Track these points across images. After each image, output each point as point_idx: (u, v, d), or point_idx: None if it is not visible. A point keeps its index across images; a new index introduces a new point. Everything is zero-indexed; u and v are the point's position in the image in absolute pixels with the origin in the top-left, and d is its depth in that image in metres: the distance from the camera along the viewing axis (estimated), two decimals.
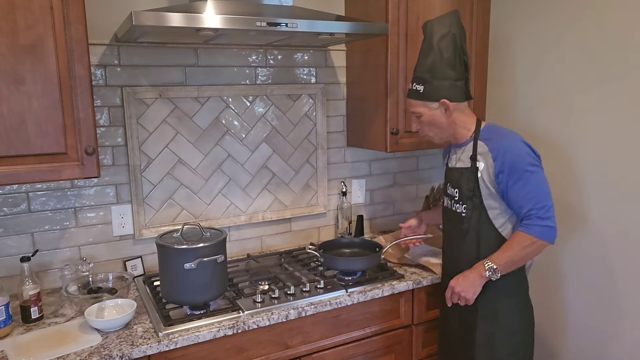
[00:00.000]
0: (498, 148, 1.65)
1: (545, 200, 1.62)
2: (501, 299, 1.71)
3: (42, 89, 1.52)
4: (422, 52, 1.74)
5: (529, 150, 1.65)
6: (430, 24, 1.72)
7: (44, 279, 1.92)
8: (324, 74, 2.37)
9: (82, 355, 1.45)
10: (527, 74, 2.19)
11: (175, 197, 2.11)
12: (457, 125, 1.74)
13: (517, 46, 2.22)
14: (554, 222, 1.62)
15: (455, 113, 1.71)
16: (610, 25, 1.86)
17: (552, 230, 1.62)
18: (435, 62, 1.69)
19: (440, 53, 1.68)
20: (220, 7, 1.64)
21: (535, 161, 1.64)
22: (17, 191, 1.84)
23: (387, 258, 2.17)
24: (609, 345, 1.98)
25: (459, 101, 1.71)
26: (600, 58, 1.90)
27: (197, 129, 2.11)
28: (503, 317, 1.72)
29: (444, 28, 1.69)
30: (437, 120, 1.73)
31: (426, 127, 1.77)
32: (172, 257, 1.63)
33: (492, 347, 1.73)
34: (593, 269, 2.01)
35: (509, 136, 1.69)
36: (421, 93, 1.72)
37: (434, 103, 1.71)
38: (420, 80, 1.72)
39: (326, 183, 2.44)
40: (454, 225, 1.80)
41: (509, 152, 1.63)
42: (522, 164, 1.61)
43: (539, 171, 1.64)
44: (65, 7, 1.51)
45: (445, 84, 1.69)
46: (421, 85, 1.72)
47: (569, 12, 2.00)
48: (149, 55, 1.98)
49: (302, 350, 1.80)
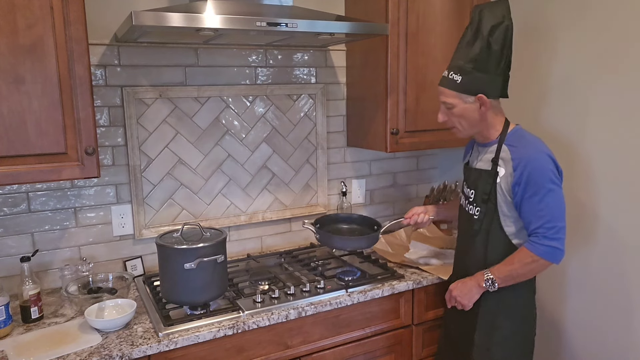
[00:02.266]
0: (521, 158, 1.58)
1: (557, 221, 1.56)
2: (501, 306, 1.69)
3: (42, 89, 1.52)
4: (467, 40, 1.62)
5: (552, 165, 1.58)
6: (480, 10, 1.60)
7: (44, 279, 1.92)
8: (324, 74, 2.37)
9: (82, 355, 1.45)
10: (528, 74, 2.19)
11: (175, 197, 2.11)
12: (487, 124, 1.67)
13: (517, 46, 2.22)
14: (562, 244, 1.56)
15: (489, 111, 1.64)
16: (623, 21, 1.84)
17: (558, 251, 1.56)
18: (481, 53, 1.58)
19: (489, 44, 1.57)
20: (220, 7, 1.64)
21: (555, 179, 1.57)
22: (17, 191, 1.84)
23: (388, 258, 2.18)
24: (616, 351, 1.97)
25: (495, 98, 1.64)
26: (601, 57, 1.90)
27: (197, 129, 2.11)
28: (502, 321, 1.70)
29: (496, 18, 1.57)
30: (469, 115, 1.65)
31: (455, 118, 1.68)
32: (172, 257, 1.63)
33: (490, 349, 1.72)
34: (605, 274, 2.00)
35: (535, 146, 1.61)
36: (458, 84, 1.61)
37: (470, 97, 1.62)
38: (460, 69, 1.61)
39: (326, 183, 2.44)
40: (466, 225, 1.79)
41: (530, 165, 1.56)
42: (541, 180, 1.55)
43: (557, 190, 1.57)
44: (65, 7, 1.51)
45: (486, 78, 1.59)
46: (459, 75, 1.61)
47: (572, 9, 1.99)
48: (149, 55, 1.98)
49: (302, 350, 1.80)
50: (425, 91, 2.19)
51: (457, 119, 1.68)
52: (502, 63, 1.61)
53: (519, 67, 2.24)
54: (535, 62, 2.16)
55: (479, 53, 1.58)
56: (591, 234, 2.00)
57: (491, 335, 1.71)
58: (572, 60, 2.01)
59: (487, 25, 1.57)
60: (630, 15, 1.79)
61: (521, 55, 2.20)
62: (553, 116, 2.10)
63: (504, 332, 1.70)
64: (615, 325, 1.94)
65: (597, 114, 1.94)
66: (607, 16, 1.86)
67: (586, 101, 1.98)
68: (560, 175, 1.61)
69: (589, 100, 1.97)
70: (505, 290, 1.66)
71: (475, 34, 1.60)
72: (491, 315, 1.70)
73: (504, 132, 1.67)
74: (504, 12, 1.59)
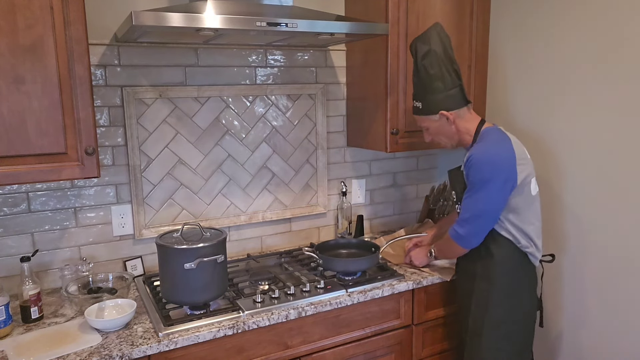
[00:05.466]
0: (469, 156, 1.74)
1: (470, 212, 1.75)
2: (493, 293, 1.79)
3: (42, 89, 1.52)
4: (413, 72, 1.84)
5: (491, 161, 1.69)
6: (414, 44, 1.81)
7: (44, 279, 1.92)
8: (324, 74, 2.37)
9: (82, 355, 1.45)
10: (528, 74, 2.19)
11: (175, 197, 2.11)
12: (461, 132, 1.83)
13: (517, 46, 2.22)
14: (466, 233, 1.77)
15: (457, 120, 1.80)
16: (609, 23, 1.85)
17: (460, 237, 1.78)
18: (424, 80, 1.79)
19: (426, 70, 1.77)
20: (220, 7, 1.64)
21: (489, 175, 1.68)
22: (17, 191, 1.84)
23: (388, 259, 2.18)
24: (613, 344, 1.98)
25: (457, 108, 1.79)
26: (600, 57, 1.90)
27: (197, 129, 2.11)
28: (493, 307, 1.79)
29: (424, 46, 1.77)
30: (444, 130, 1.83)
31: (436, 137, 1.89)
32: (172, 257, 1.63)
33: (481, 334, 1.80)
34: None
35: (486, 143, 1.75)
36: (420, 109, 1.84)
37: (434, 116, 1.81)
38: (417, 97, 1.85)
39: (326, 183, 2.44)
40: None
41: (469, 162, 1.72)
42: (474, 176, 1.71)
43: (486, 187, 1.69)
44: (65, 7, 1.51)
45: (440, 97, 1.78)
46: (419, 102, 1.84)
47: (570, 10, 1.99)
48: (149, 55, 1.98)
49: (302, 350, 1.80)
50: None
51: (437, 137, 1.88)
52: (447, 79, 1.77)
53: (507, 71, 2.25)
54: (524, 66, 2.17)
55: (423, 80, 1.80)
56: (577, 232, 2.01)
57: (482, 320, 1.80)
58: (562, 62, 2.01)
59: (420, 55, 1.78)
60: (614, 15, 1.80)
61: (512, 59, 2.20)
62: (544, 118, 2.10)
63: (494, 318, 1.79)
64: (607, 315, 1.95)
65: (585, 114, 1.94)
66: (595, 17, 1.87)
67: (573, 102, 1.98)
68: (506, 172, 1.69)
69: (576, 101, 1.98)
70: (499, 278, 1.78)
71: (415, 65, 1.82)
72: (483, 301, 1.80)
73: (476, 134, 1.81)
74: (430, 38, 1.77)
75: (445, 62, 1.76)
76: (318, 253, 2.00)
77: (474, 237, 1.77)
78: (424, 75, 1.78)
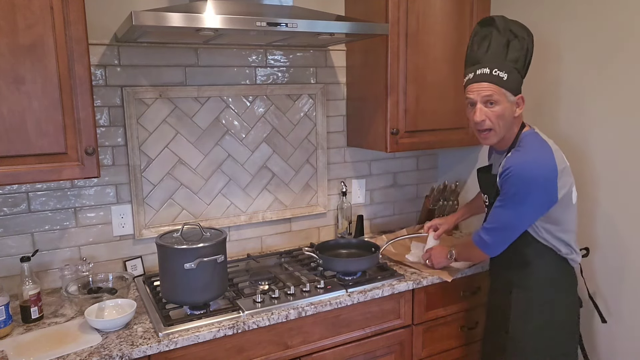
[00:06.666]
0: (508, 166, 1.62)
1: (498, 223, 1.70)
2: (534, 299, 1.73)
3: (42, 89, 1.52)
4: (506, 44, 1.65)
5: (530, 178, 1.58)
6: (512, 22, 1.67)
7: (44, 279, 1.92)
8: (324, 74, 2.37)
9: (82, 355, 1.45)
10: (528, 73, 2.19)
11: (175, 197, 2.11)
12: (513, 127, 1.69)
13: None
14: (492, 241, 1.72)
15: (520, 114, 1.68)
16: (614, 20, 1.85)
17: (486, 245, 1.74)
18: (524, 57, 1.65)
19: (528, 51, 1.65)
20: (220, 7, 1.64)
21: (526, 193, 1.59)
22: (17, 191, 1.84)
23: (389, 256, 2.18)
24: None
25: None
26: (601, 53, 1.90)
27: (197, 129, 2.11)
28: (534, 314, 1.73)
29: (525, 33, 1.66)
30: (507, 115, 1.64)
31: (495, 119, 1.64)
32: (172, 257, 1.63)
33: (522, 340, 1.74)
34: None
35: (526, 155, 1.62)
36: (505, 80, 1.61)
37: (512, 96, 1.63)
38: (504, 67, 1.61)
39: (326, 183, 2.44)
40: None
41: (507, 173, 1.61)
42: (509, 190, 1.62)
43: (521, 204, 1.61)
44: (65, 7, 1.51)
45: (520, 80, 1.65)
46: (505, 73, 1.61)
47: (569, 8, 1.99)
48: (149, 55, 1.98)
49: (302, 350, 1.80)
50: (425, 91, 2.19)
51: (496, 119, 1.64)
52: (527, 68, 1.69)
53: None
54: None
55: (521, 56, 1.64)
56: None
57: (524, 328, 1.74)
58: (561, 61, 2.01)
59: (523, 34, 1.65)
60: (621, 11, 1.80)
61: None
62: (546, 117, 2.10)
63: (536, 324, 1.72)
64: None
65: (596, 113, 1.94)
66: (596, 14, 1.87)
67: (578, 101, 1.98)
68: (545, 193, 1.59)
69: (582, 100, 1.97)
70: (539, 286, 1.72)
71: (518, 40, 1.64)
72: (523, 309, 1.74)
73: (516, 138, 1.69)
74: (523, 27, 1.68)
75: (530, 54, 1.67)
76: (318, 253, 2.00)
77: (499, 246, 1.72)
78: (525, 54, 1.64)
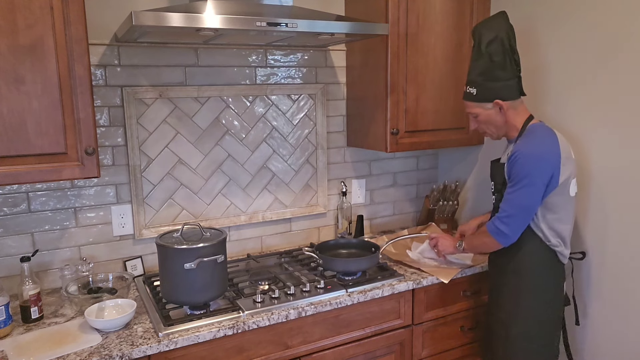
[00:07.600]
0: (515, 151, 1.72)
1: (513, 210, 1.74)
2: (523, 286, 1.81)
3: (42, 89, 1.52)
4: (473, 57, 1.83)
5: (536, 157, 1.69)
6: (479, 30, 1.80)
7: (44, 279, 1.92)
8: (324, 74, 2.37)
9: (82, 355, 1.45)
10: (529, 71, 2.19)
11: (175, 197, 2.11)
12: (509, 124, 1.82)
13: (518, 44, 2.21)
14: (509, 230, 1.75)
15: (509, 112, 1.79)
16: (611, 17, 1.85)
17: (502, 234, 1.76)
18: (485, 66, 1.77)
19: (490, 57, 1.76)
20: (220, 7, 1.64)
21: (533, 171, 1.68)
22: (17, 191, 1.84)
23: (389, 256, 2.18)
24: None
25: (512, 99, 1.79)
26: (601, 51, 1.90)
27: (197, 129, 2.11)
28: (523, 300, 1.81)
29: (491, 32, 1.76)
30: (493, 119, 1.82)
31: (483, 125, 1.86)
32: (172, 257, 1.63)
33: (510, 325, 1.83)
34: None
35: (532, 140, 1.74)
36: (474, 95, 1.82)
37: (488, 104, 1.80)
38: (473, 83, 1.82)
39: (326, 183, 2.44)
40: (492, 213, 1.94)
41: (514, 157, 1.71)
42: (518, 172, 1.70)
43: (531, 183, 1.69)
44: (65, 7, 1.51)
45: (498, 85, 1.77)
46: (474, 88, 1.81)
47: (570, 9, 1.99)
48: (149, 55, 1.98)
49: (302, 350, 1.80)
50: (425, 91, 2.19)
51: (484, 125, 1.86)
52: (508, 68, 1.77)
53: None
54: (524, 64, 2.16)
55: (484, 66, 1.78)
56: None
57: (512, 313, 1.82)
58: (560, 61, 2.01)
59: (484, 41, 1.77)
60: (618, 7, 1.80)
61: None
62: (545, 113, 2.10)
63: (523, 311, 1.81)
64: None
65: (589, 109, 1.94)
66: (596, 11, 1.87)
67: (575, 97, 1.98)
68: (550, 170, 1.68)
69: (577, 96, 1.97)
70: (528, 273, 1.80)
71: (478, 51, 1.80)
72: (514, 294, 1.82)
73: (523, 128, 1.80)
74: (499, 26, 1.77)
75: (509, 52, 1.76)
76: (318, 253, 2.00)
77: (515, 234, 1.76)
78: (486, 62, 1.77)
